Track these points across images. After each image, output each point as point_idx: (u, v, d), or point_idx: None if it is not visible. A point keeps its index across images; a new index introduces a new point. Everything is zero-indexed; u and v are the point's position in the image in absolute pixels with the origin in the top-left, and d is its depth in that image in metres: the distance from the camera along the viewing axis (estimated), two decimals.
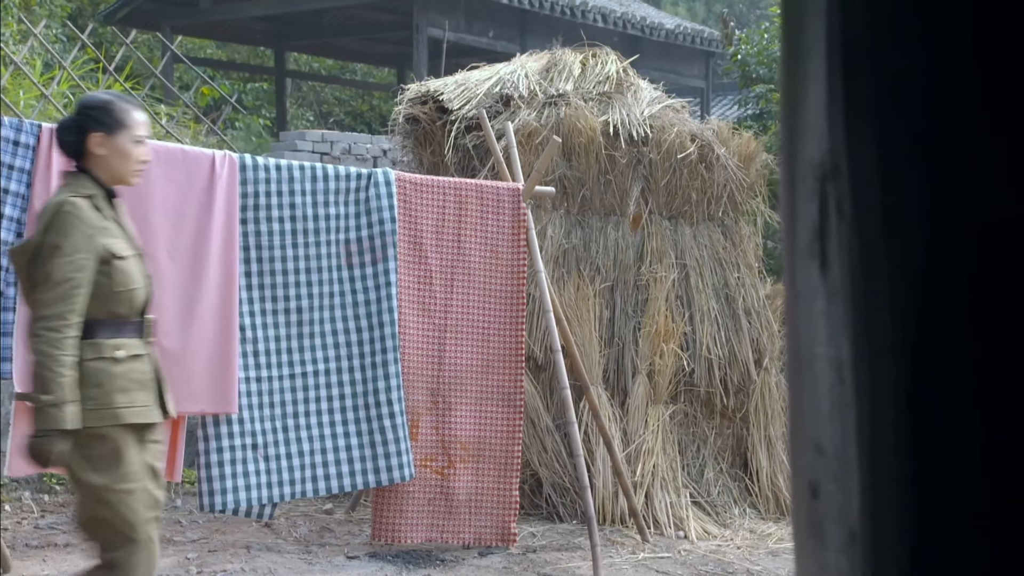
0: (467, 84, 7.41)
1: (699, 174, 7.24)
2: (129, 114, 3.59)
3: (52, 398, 3.24)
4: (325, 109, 20.31)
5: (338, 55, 18.26)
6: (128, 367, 3.50)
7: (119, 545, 3.40)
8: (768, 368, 7.35)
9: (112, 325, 3.47)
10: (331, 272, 5.45)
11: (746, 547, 6.39)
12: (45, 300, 3.32)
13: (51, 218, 3.41)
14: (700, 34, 17.37)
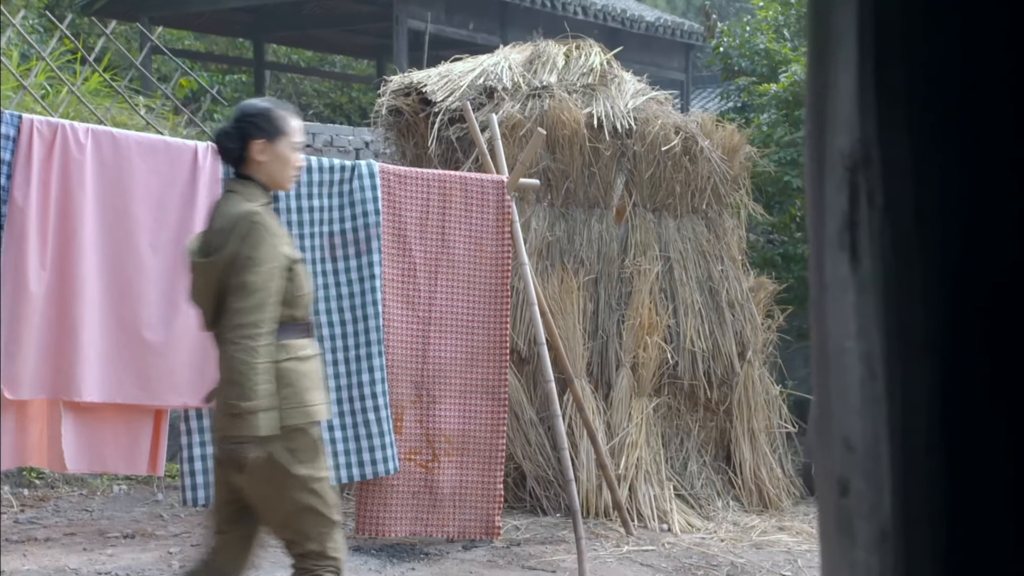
0: (450, 76, 7.37)
1: (683, 166, 7.23)
2: (288, 121, 3.65)
3: (250, 405, 3.32)
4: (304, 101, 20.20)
5: (317, 47, 18.17)
6: (310, 366, 3.59)
7: (324, 531, 3.54)
8: (751, 361, 7.35)
9: (294, 328, 3.55)
10: (315, 264, 5.41)
11: (730, 540, 6.39)
12: (241, 309, 3.39)
13: (242, 230, 3.44)
14: (680, 27, 17.37)
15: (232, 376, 3.35)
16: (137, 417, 5.04)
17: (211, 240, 3.53)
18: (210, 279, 3.49)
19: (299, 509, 3.51)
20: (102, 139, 4.98)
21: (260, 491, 3.51)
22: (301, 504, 3.50)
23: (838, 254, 0.78)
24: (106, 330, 4.91)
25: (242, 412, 3.30)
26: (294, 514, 3.52)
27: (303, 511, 3.51)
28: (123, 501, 6.63)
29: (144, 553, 5.43)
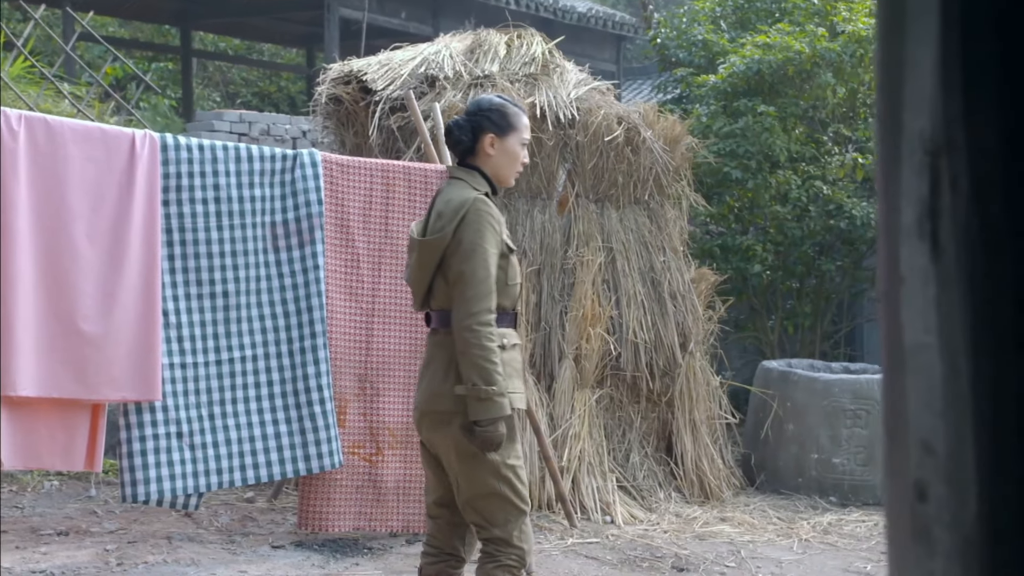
0: (391, 64, 7.28)
1: (625, 157, 7.20)
2: (520, 117, 3.72)
3: (496, 388, 3.46)
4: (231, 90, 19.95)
5: (246, 35, 17.93)
6: (511, 356, 3.64)
7: (512, 518, 3.62)
8: (693, 352, 7.35)
9: (502, 316, 3.63)
10: (257, 255, 5.30)
11: (673, 531, 6.39)
12: (474, 296, 3.50)
13: (470, 217, 3.55)
14: (611, 18, 17.40)
15: (475, 361, 3.46)
16: (74, 412, 4.89)
17: (434, 223, 3.62)
18: (428, 260, 3.61)
19: (488, 494, 3.60)
20: (36, 126, 4.83)
21: (456, 472, 3.62)
22: (490, 489, 3.59)
23: (916, 244, 0.73)
24: (41, 322, 4.77)
25: (490, 395, 3.45)
26: (483, 498, 3.61)
27: (491, 496, 3.60)
28: (55, 497, 6.46)
29: (80, 551, 5.29)
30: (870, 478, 7.44)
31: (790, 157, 9.03)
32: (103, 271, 4.92)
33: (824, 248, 9.39)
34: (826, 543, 6.34)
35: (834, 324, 10.10)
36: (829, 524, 6.75)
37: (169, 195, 5.11)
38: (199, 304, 5.18)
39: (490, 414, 3.47)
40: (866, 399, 7.47)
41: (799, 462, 7.54)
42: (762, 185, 8.93)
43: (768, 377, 7.81)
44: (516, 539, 3.63)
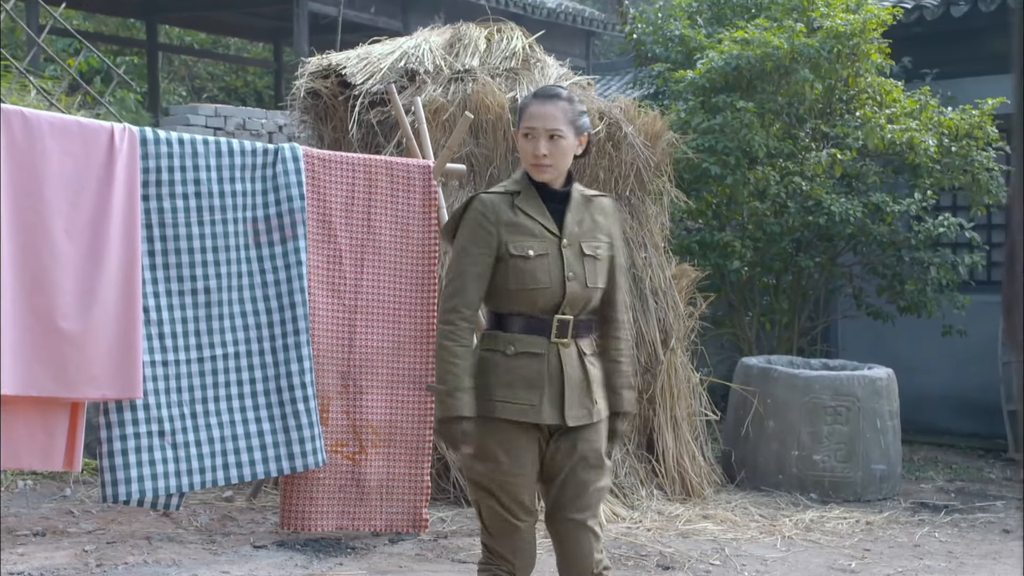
0: (369, 58, 7.21)
1: (607, 152, 7.16)
2: (524, 109, 3.62)
3: (445, 387, 3.48)
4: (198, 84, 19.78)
5: (213, 29, 17.78)
6: (518, 363, 3.52)
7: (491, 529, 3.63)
8: (675, 348, 7.32)
9: (517, 320, 3.56)
10: (239, 251, 5.22)
11: (656, 529, 6.35)
12: (445, 294, 3.59)
13: (458, 211, 3.61)
14: (581, 13, 17.38)
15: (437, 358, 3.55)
16: (53, 411, 4.79)
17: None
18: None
19: (473, 499, 3.71)
20: (12, 119, 4.72)
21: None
22: (472, 495, 3.70)
23: None
24: (19, 320, 4.66)
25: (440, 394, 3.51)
26: (474, 502, 3.71)
27: (474, 502, 3.69)
28: (29, 497, 6.36)
29: (58, 552, 5.20)
30: (851, 475, 7.44)
31: (768, 153, 9.02)
32: (82, 267, 4.82)
33: (802, 244, 9.39)
34: (809, 540, 6.33)
35: (811, 320, 10.10)
36: (811, 521, 6.74)
37: (149, 190, 5.02)
38: (180, 301, 5.08)
39: (440, 412, 3.51)
40: (846, 396, 7.47)
41: (780, 459, 7.53)
42: (740, 181, 8.90)
43: (748, 374, 7.80)
44: (506, 551, 3.62)
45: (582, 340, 3.58)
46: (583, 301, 3.55)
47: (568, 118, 3.55)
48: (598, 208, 3.66)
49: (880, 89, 9.25)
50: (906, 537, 6.50)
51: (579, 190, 3.66)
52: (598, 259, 3.56)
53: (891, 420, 7.63)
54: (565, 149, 3.56)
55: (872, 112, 9.10)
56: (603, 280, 3.59)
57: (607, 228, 3.65)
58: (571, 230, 3.56)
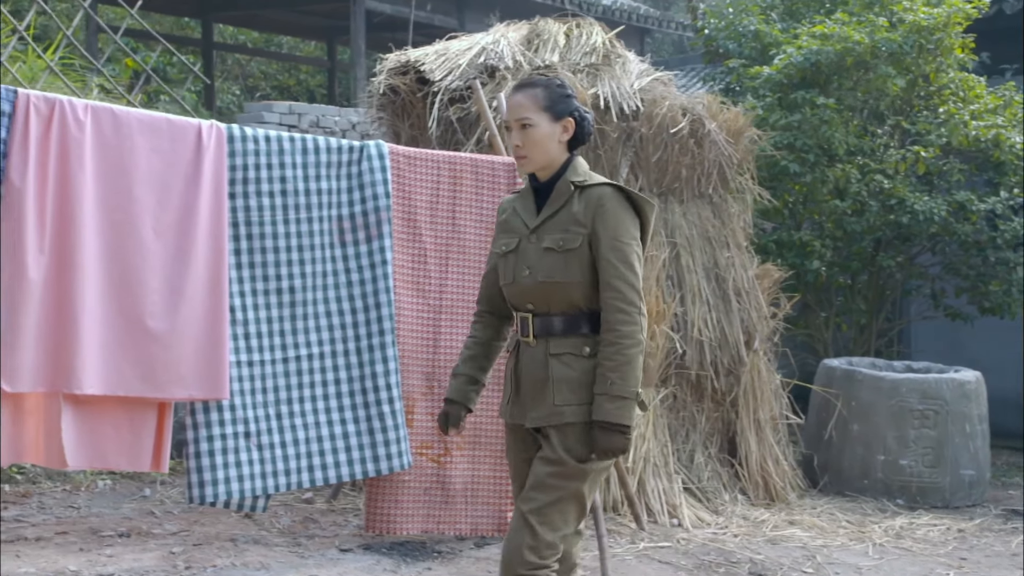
0: (448, 54, 7.11)
1: (689, 150, 7.01)
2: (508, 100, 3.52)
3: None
4: (251, 83, 19.82)
5: (266, 27, 17.81)
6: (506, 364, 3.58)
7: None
8: (758, 350, 7.16)
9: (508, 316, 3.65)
10: (324, 250, 5.13)
11: (743, 535, 6.21)
12: None
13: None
14: (636, 11, 17.22)
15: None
16: (140, 411, 4.73)
17: None
18: None
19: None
20: (102, 116, 4.67)
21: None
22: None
23: None
24: (107, 319, 4.61)
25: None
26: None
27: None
28: (109, 497, 6.32)
29: (145, 553, 5.14)
30: (939, 480, 7.24)
31: (847, 150, 8.83)
32: (170, 266, 4.76)
33: (881, 244, 9.17)
34: (901, 548, 6.15)
35: (887, 322, 9.87)
36: (901, 528, 6.56)
37: (235, 187, 4.94)
38: (265, 300, 5.01)
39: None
40: (935, 399, 7.28)
41: (865, 463, 7.35)
42: (819, 179, 8.72)
43: (830, 376, 7.62)
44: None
45: (554, 339, 3.38)
46: (542, 297, 3.39)
47: (540, 104, 3.39)
48: (588, 198, 3.37)
49: (963, 85, 9.02)
50: (1001, 545, 6.30)
51: (571, 180, 3.41)
52: (559, 252, 3.35)
53: (980, 424, 7.43)
54: (538, 137, 3.39)
55: (955, 108, 8.88)
56: (566, 274, 3.34)
57: (586, 219, 3.34)
58: (541, 223, 3.42)
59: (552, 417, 3.34)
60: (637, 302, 3.32)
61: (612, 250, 3.31)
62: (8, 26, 9.48)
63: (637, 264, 3.35)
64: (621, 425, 3.25)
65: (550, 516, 3.31)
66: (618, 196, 3.37)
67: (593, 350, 3.34)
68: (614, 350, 3.28)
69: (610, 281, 3.30)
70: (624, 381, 3.26)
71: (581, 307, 3.35)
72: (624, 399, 3.26)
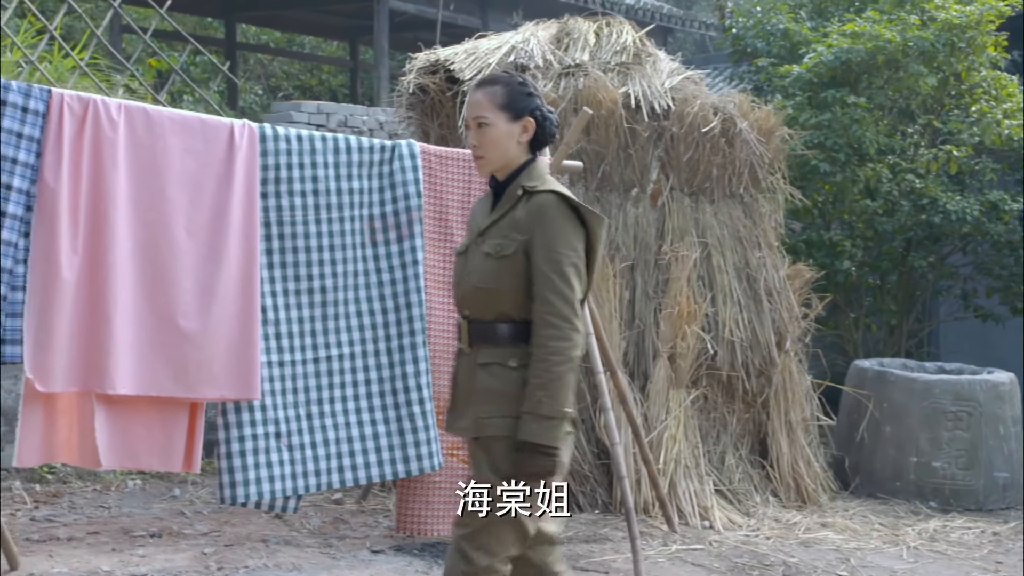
0: (477, 53, 7.07)
1: (720, 149, 6.96)
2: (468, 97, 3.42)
3: None
4: (273, 83, 19.84)
5: (289, 27, 17.82)
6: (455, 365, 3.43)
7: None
8: (789, 351, 7.10)
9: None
10: (355, 250, 5.11)
11: (776, 537, 6.15)
12: None
13: None
14: (659, 10, 17.15)
15: None
16: (171, 411, 4.72)
17: None
18: None
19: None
20: (135, 115, 4.66)
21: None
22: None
23: None
24: (140, 319, 4.60)
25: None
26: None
27: None
28: (139, 497, 6.31)
29: (177, 554, 5.13)
30: (972, 482, 7.17)
31: (878, 150, 8.76)
32: (202, 266, 4.75)
33: (912, 244, 9.10)
34: (936, 551, 6.09)
35: (918, 322, 9.79)
36: (935, 531, 6.49)
37: (267, 187, 4.93)
38: (296, 300, 4.99)
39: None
40: (968, 400, 7.20)
41: (897, 465, 7.28)
42: (850, 178, 8.66)
43: (862, 377, 7.56)
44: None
45: (485, 348, 3.22)
46: (477, 303, 3.24)
47: (498, 103, 3.24)
48: (531, 204, 3.20)
49: (995, 83, 8.94)
50: None
51: (523, 184, 3.24)
52: (496, 258, 3.19)
53: (1014, 426, 7.35)
54: (494, 137, 3.24)
55: (988, 107, 8.80)
56: (498, 282, 3.19)
57: (526, 226, 3.18)
58: (488, 227, 3.27)
59: (475, 428, 3.20)
60: (571, 317, 3.11)
61: (548, 261, 3.14)
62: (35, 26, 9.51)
63: (574, 277, 3.15)
64: (547, 447, 3.05)
65: (483, 541, 3.16)
66: (561, 205, 3.18)
67: (521, 362, 3.16)
68: (543, 367, 3.09)
69: (543, 293, 3.13)
70: (552, 400, 3.06)
71: (513, 317, 3.19)
72: (551, 419, 3.06)
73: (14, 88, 4.36)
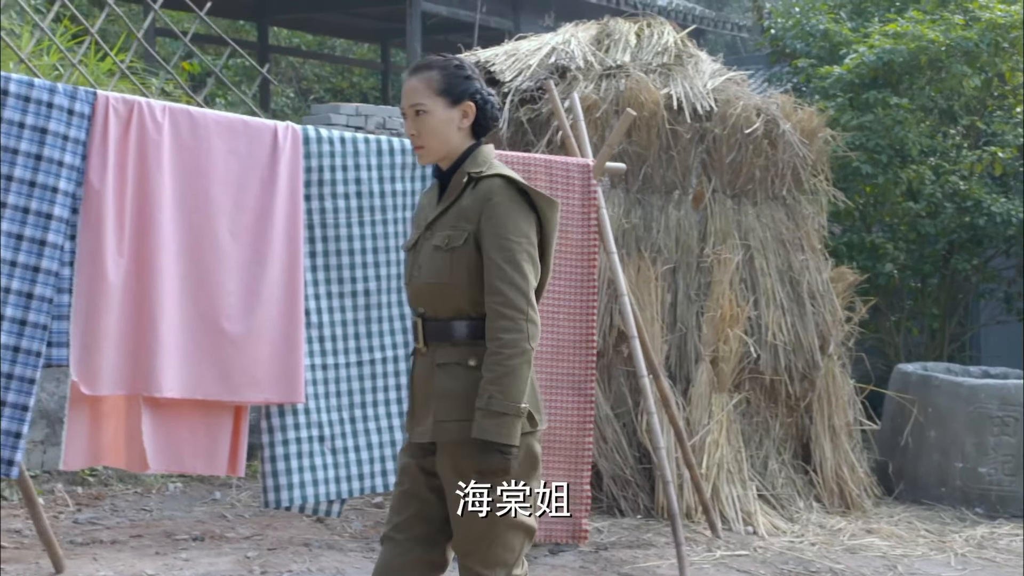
0: (517, 55, 7.05)
1: (763, 150, 6.89)
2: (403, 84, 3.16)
3: None
4: (304, 86, 19.87)
5: (321, 30, 17.84)
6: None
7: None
8: (832, 355, 7.02)
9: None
10: (398, 252, 5.08)
11: (821, 543, 6.08)
12: None
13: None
14: (691, 11, 17.06)
15: None
16: (216, 414, 4.71)
17: None
18: None
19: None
20: (179, 117, 4.65)
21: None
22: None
23: None
24: (185, 321, 4.58)
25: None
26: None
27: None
28: (180, 500, 6.31)
29: (220, 557, 5.11)
30: (1019, 488, 7.06)
31: (921, 151, 8.66)
32: (246, 268, 4.73)
33: (954, 246, 8.99)
34: (984, 559, 6.00)
35: (960, 326, 9.68)
36: (983, 538, 6.40)
37: (311, 189, 4.91)
38: (340, 303, 4.97)
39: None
40: (1014, 405, 7.10)
41: (942, 471, 7.19)
42: (892, 180, 8.56)
43: (906, 381, 7.46)
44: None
45: (442, 347, 3.03)
46: (430, 300, 3.05)
47: (436, 88, 3.05)
48: (478, 191, 3.01)
49: None
50: None
51: (468, 171, 3.05)
52: (446, 251, 3.01)
53: None
54: (434, 125, 3.04)
55: None
56: (451, 276, 3.00)
57: (474, 214, 2.99)
58: (435, 219, 3.08)
59: (435, 433, 3.00)
60: (524, 307, 2.92)
61: (498, 249, 2.94)
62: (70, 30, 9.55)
63: (527, 266, 2.95)
64: (500, 444, 2.87)
65: (493, 555, 2.99)
66: (509, 190, 2.99)
67: (480, 361, 2.96)
68: (495, 360, 2.91)
69: (494, 284, 2.94)
70: (505, 395, 2.88)
71: (469, 313, 3.01)
72: (504, 415, 2.88)
73: (60, 90, 4.35)
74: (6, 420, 4.16)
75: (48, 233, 4.27)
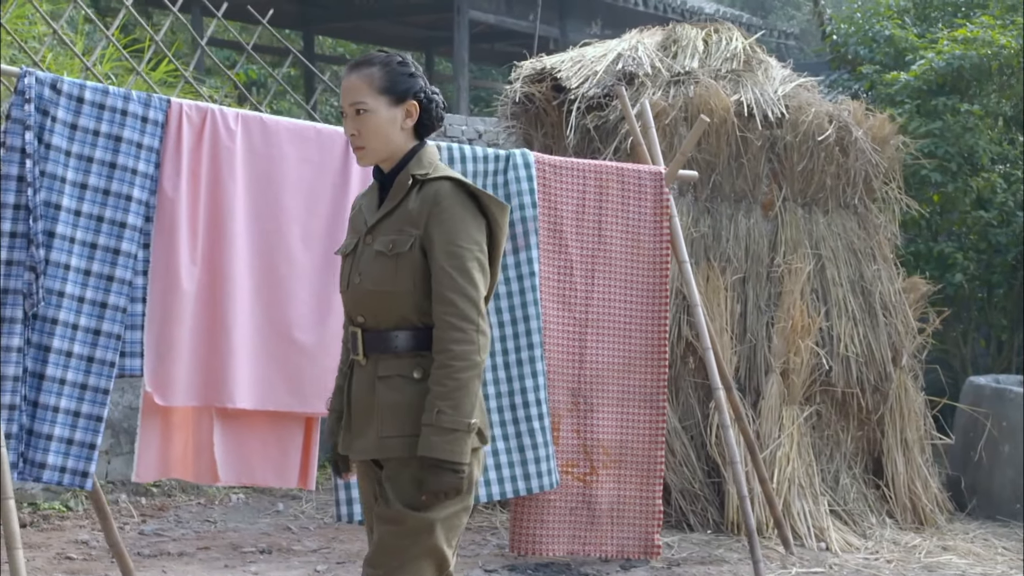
0: (583, 61, 6.94)
1: (835, 158, 6.75)
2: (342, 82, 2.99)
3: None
4: None
5: (366, 39, 17.80)
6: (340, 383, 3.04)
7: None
8: (905, 367, 6.86)
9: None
10: None
11: (896, 561, 5.92)
12: None
13: None
14: (739, 19, 16.90)
15: None
16: (287, 425, 4.65)
17: None
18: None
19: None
20: (252, 125, 4.60)
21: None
22: None
23: None
24: (257, 331, 4.53)
25: None
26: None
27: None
28: (243, 511, 6.24)
29: (289, 571, 5.04)
30: None
31: (991, 159, 8.48)
32: (318, 277, 4.67)
33: None
34: None
35: None
36: None
37: None
38: None
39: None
40: None
41: (1017, 487, 7.01)
42: (962, 188, 8.39)
43: (978, 394, 7.29)
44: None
45: (384, 358, 2.85)
46: (372, 309, 2.87)
47: (377, 86, 2.88)
48: (424, 194, 2.85)
49: None
50: None
51: (413, 173, 2.87)
52: (389, 256, 2.84)
53: None
54: (375, 124, 2.87)
55: None
56: (395, 283, 2.83)
57: (420, 219, 2.83)
58: (376, 223, 2.91)
59: (377, 450, 2.82)
60: (474, 318, 2.78)
61: (447, 256, 2.79)
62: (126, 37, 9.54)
63: (477, 273, 2.81)
64: (451, 462, 2.72)
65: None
66: (458, 193, 2.83)
67: (426, 373, 2.81)
68: (444, 373, 2.75)
69: (443, 293, 2.79)
70: (455, 410, 2.72)
71: (414, 322, 2.84)
72: (455, 432, 2.72)
73: (134, 98, 4.30)
74: (80, 431, 4.10)
75: (122, 242, 4.22)
